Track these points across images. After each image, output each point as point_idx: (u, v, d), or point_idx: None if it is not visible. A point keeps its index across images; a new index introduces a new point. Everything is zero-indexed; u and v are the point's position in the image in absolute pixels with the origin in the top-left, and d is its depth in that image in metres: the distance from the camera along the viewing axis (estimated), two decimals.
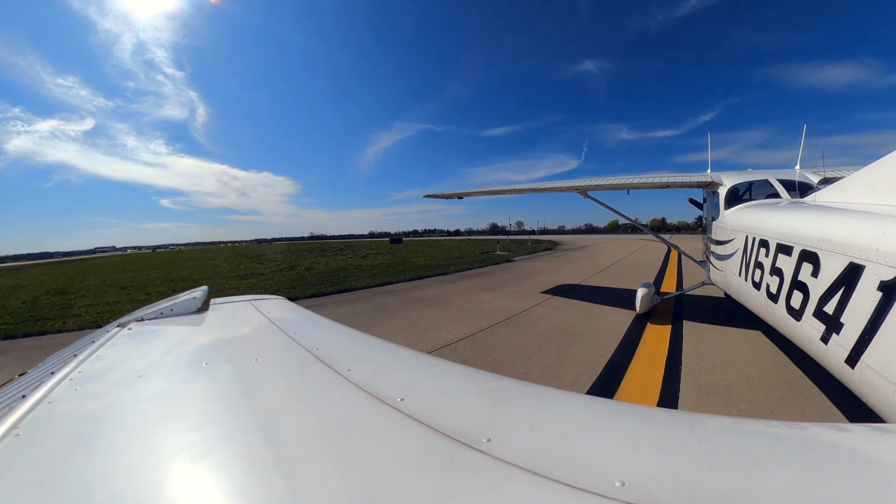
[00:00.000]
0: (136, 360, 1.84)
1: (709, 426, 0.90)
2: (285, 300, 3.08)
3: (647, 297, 8.48)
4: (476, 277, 16.68)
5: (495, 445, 0.88)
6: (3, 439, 1.11)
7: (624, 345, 6.57)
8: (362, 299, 12.25)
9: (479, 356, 6.28)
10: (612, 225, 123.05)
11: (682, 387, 4.91)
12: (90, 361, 1.79)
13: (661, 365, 5.64)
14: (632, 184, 8.37)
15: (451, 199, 13.19)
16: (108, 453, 1.05)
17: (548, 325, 8.01)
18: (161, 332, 2.33)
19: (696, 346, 6.36)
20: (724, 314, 8.24)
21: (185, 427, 1.17)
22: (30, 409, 1.31)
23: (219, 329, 2.37)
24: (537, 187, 10.61)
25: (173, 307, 2.71)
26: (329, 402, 1.26)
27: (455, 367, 1.45)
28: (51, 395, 1.42)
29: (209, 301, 3.00)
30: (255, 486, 0.85)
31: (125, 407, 1.36)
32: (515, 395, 1.16)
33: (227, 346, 2.06)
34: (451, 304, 10.71)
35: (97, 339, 2.17)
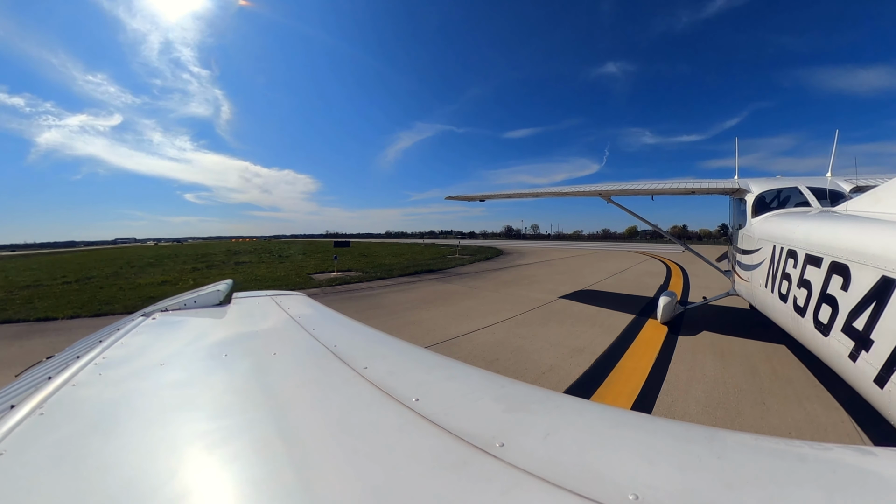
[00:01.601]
0: (158, 348, 1.89)
1: (727, 442, 0.87)
2: (305, 296, 3.11)
3: (669, 307, 8.32)
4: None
5: (508, 451, 0.87)
6: (28, 417, 1.17)
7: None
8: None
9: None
10: (631, 231, 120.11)
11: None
12: (114, 348, 1.84)
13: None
14: (656, 189, 8.18)
15: (472, 201, 13.08)
16: (126, 437, 1.09)
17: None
18: (184, 322, 2.39)
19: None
20: (745, 326, 8.02)
21: (202, 416, 1.20)
22: (54, 390, 1.37)
23: (240, 322, 2.42)
24: (560, 191, 10.47)
25: (197, 299, 2.77)
26: (345, 399, 1.26)
27: (471, 370, 1.44)
28: (75, 379, 1.47)
29: (232, 295, 3.07)
30: (266, 477, 0.86)
31: (145, 393, 1.40)
32: (531, 401, 1.15)
33: (247, 339, 2.09)
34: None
35: (122, 326, 2.23)
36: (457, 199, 12.74)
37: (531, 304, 10.69)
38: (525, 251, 38.38)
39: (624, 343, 7.04)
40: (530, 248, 44.24)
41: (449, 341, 7.24)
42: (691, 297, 10.97)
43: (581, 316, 9.28)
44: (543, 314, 9.55)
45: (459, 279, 16.75)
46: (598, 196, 9.11)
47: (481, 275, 18.29)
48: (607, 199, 9.04)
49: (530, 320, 8.91)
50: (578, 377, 5.47)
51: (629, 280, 16.21)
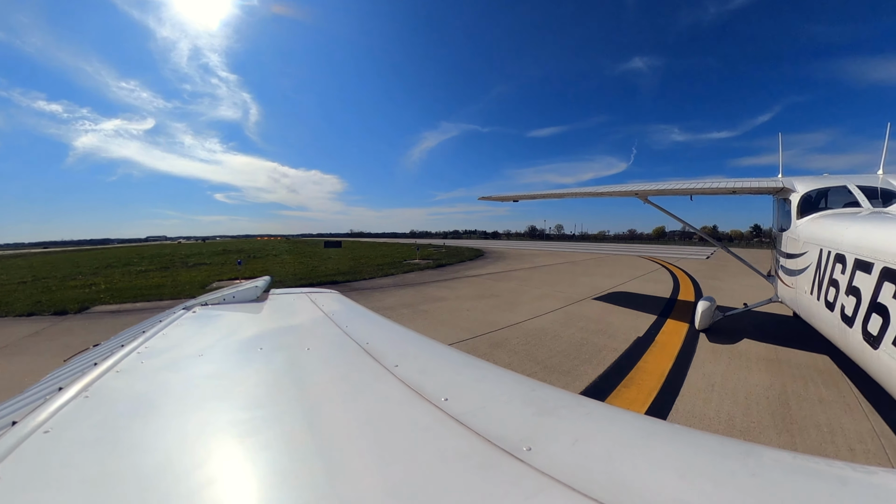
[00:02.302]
0: (197, 340, 1.97)
1: (764, 459, 0.84)
2: (339, 294, 3.18)
3: (707, 313, 7.93)
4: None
5: (535, 455, 0.86)
6: (73, 399, 1.25)
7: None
8: None
9: None
10: (658, 232, 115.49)
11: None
12: (157, 339, 1.93)
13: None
14: (696, 188, 7.82)
15: (506, 201, 12.82)
16: (162, 422, 1.15)
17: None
18: (222, 317, 2.48)
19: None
20: (784, 335, 7.57)
21: (236, 405, 1.25)
22: (99, 375, 1.45)
23: (276, 318, 2.48)
24: (595, 191, 10.20)
25: (235, 295, 2.89)
26: (375, 395, 1.28)
27: (501, 372, 1.43)
28: (119, 366, 1.56)
29: (269, 291, 3.17)
30: (294, 467, 0.89)
31: (183, 382, 1.46)
32: (561, 406, 1.13)
33: (282, 334, 2.15)
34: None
35: (164, 319, 2.34)
36: (490, 199, 12.62)
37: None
38: (510, 254, 32.92)
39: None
40: (527, 251, 37.75)
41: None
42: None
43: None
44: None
45: (374, 293, 13.43)
46: (634, 196, 8.83)
47: (408, 288, 14.48)
48: (644, 199, 8.76)
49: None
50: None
51: (590, 316, 9.51)
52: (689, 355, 6.51)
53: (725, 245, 10.68)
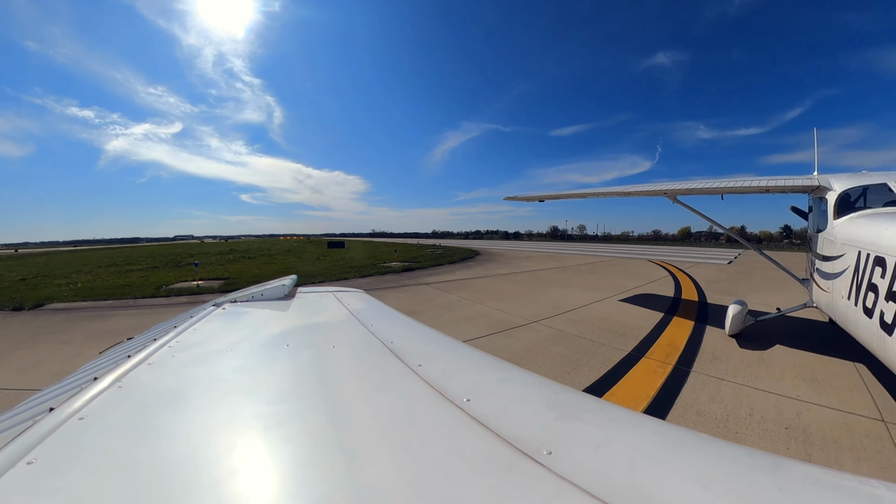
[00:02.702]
0: (226, 336, 2.03)
1: (793, 473, 0.81)
2: (365, 293, 3.21)
3: (738, 317, 7.57)
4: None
5: (555, 459, 0.85)
6: (107, 389, 1.32)
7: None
8: None
9: None
10: (684, 233, 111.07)
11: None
12: (187, 333, 2.00)
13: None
14: (727, 188, 7.50)
15: (531, 201, 12.63)
16: (191, 413, 1.19)
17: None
18: (251, 313, 2.54)
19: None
20: (817, 341, 7.15)
21: (262, 400, 1.28)
22: (132, 367, 1.52)
23: (302, 315, 2.53)
24: (623, 191, 9.90)
25: (263, 292, 2.96)
26: (398, 394, 1.29)
27: (524, 374, 1.42)
28: (151, 358, 1.62)
29: (296, 289, 3.24)
30: (316, 461, 0.91)
31: (211, 376, 1.51)
32: (584, 410, 1.12)
33: (309, 331, 2.19)
34: None
35: (195, 315, 2.42)
36: (515, 199, 12.46)
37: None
38: (504, 257, 30.00)
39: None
40: (526, 253, 34.35)
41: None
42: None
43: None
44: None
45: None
46: (662, 195, 8.57)
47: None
48: (673, 198, 8.52)
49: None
50: None
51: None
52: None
53: (756, 246, 10.11)
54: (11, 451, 0.96)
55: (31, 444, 0.98)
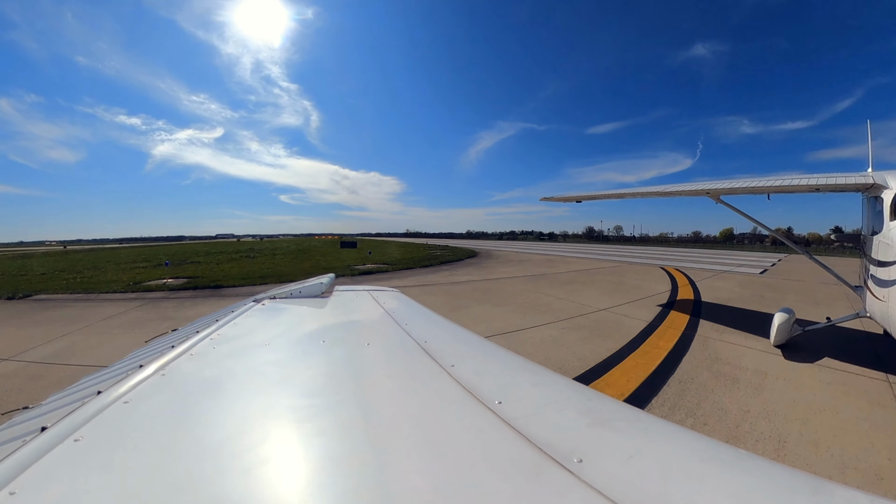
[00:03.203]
0: (265, 330, 2.10)
1: (836, 498, 0.75)
2: (400, 293, 3.25)
3: (784, 326, 7.04)
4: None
5: (586, 468, 0.83)
6: (151, 376, 1.40)
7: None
8: None
9: None
10: (726, 234, 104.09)
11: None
12: (228, 327, 2.07)
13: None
14: (774, 187, 6.99)
15: (568, 202, 12.26)
16: (228, 402, 1.25)
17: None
18: (289, 310, 2.61)
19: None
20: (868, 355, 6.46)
21: (296, 393, 1.32)
22: (175, 356, 1.60)
23: (338, 313, 2.57)
24: (662, 191, 9.46)
25: (302, 290, 3.04)
26: (430, 393, 1.29)
27: (557, 378, 1.40)
28: (193, 349, 1.70)
29: (333, 287, 3.31)
30: (346, 455, 0.93)
31: (249, 368, 1.57)
32: (617, 418, 1.09)
33: (344, 329, 2.23)
34: None
35: (236, 310, 2.51)
36: (552, 200, 12.19)
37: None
38: (503, 259, 27.81)
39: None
40: (532, 257, 30.58)
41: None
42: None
43: None
44: None
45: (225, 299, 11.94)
46: (705, 195, 8.15)
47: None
48: (716, 198, 8.09)
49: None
50: None
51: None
52: None
53: (805, 249, 9.21)
54: (61, 428, 1.04)
55: (79, 423, 1.06)
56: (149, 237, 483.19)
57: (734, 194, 7.99)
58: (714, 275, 18.94)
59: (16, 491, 0.80)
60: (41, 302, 12.59)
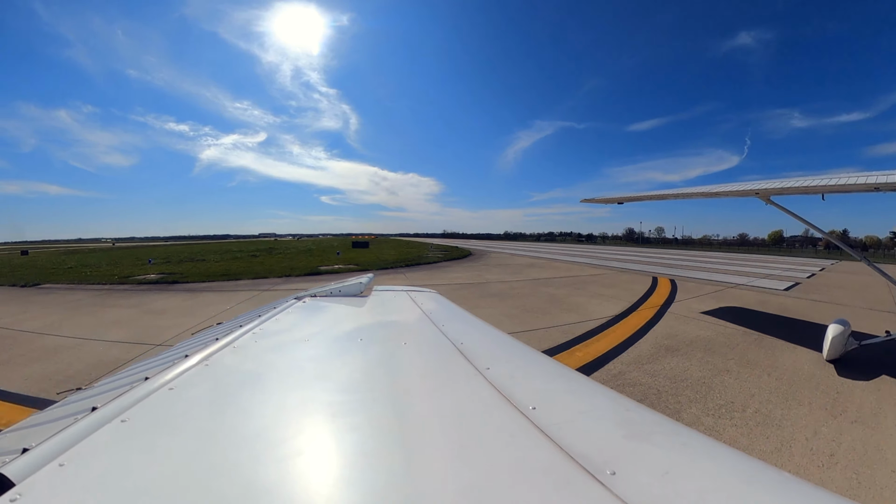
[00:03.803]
0: (304, 327, 2.16)
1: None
2: (437, 294, 3.28)
3: (839, 340, 6.41)
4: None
5: (619, 481, 0.80)
6: (195, 366, 1.47)
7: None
8: None
9: None
10: (774, 237, 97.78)
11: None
12: (270, 322, 2.15)
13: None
14: (829, 186, 6.43)
15: (609, 203, 11.80)
16: (267, 393, 1.31)
17: None
18: (328, 308, 2.68)
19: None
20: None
21: (333, 388, 1.36)
22: (218, 348, 1.68)
23: (377, 312, 2.62)
24: (707, 191, 9.01)
25: (342, 289, 3.12)
26: (463, 395, 1.29)
27: (595, 386, 1.37)
28: (235, 343, 1.78)
29: (372, 287, 3.37)
30: (377, 452, 0.95)
31: (288, 362, 1.63)
32: (656, 432, 1.05)
33: (382, 328, 2.27)
34: None
35: (278, 306, 2.60)
36: (592, 201, 11.90)
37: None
38: (491, 262, 24.95)
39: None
40: (533, 261, 27.03)
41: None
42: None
43: None
44: None
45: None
46: (754, 196, 7.74)
47: (208, 293, 13.21)
48: (766, 199, 7.64)
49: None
50: None
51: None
52: None
53: (861, 254, 8.37)
54: (110, 409, 1.12)
55: (126, 405, 1.14)
56: (196, 235, 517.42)
57: (785, 194, 7.56)
58: (718, 290, 14.63)
59: (65, 463, 0.86)
60: (43, 288, 15.23)
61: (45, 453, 0.89)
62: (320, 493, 0.81)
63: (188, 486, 0.81)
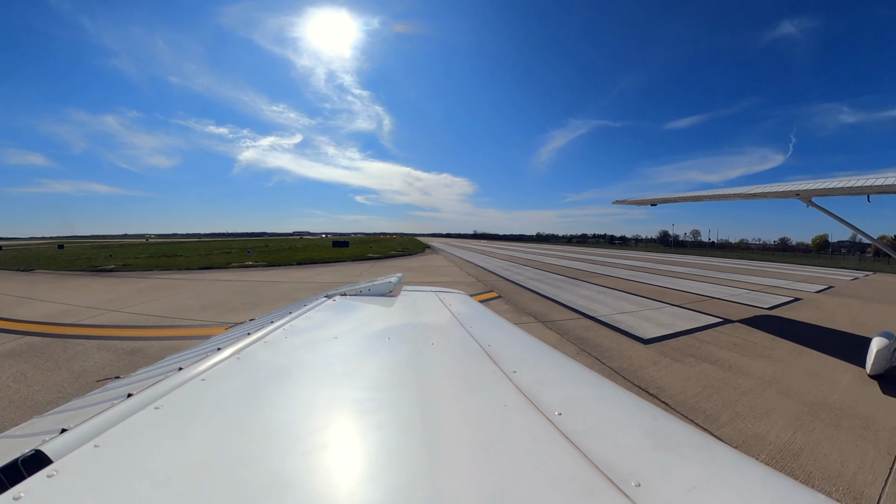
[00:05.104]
0: (334, 325, 2.21)
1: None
2: (466, 295, 3.28)
3: (884, 353, 5.89)
4: None
5: (643, 494, 0.79)
6: (227, 359, 1.53)
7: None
8: None
9: None
10: (819, 242, 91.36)
11: None
12: (300, 319, 2.21)
13: None
14: (877, 186, 6.02)
15: (642, 205, 11.53)
16: (296, 387, 1.36)
17: None
18: (358, 306, 2.72)
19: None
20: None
21: (360, 385, 1.39)
22: (250, 343, 1.74)
23: (405, 312, 2.64)
24: (744, 192, 8.62)
25: (371, 288, 3.17)
26: (489, 397, 1.29)
27: (622, 393, 1.35)
28: (267, 337, 1.83)
29: (401, 287, 3.41)
30: (401, 450, 0.97)
31: (318, 358, 1.68)
32: (684, 444, 1.02)
33: (410, 327, 2.30)
34: None
35: (308, 304, 2.66)
36: (625, 203, 11.65)
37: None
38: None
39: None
40: (529, 267, 23.28)
41: None
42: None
43: None
44: None
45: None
46: (795, 197, 7.40)
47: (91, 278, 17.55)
48: (807, 201, 7.30)
49: None
50: None
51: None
52: None
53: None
54: (144, 396, 1.18)
55: (160, 393, 1.20)
56: (234, 233, 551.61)
57: (828, 195, 7.22)
58: (721, 308, 11.06)
59: (100, 444, 0.92)
60: (33, 272, 20.12)
61: (81, 434, 0.95)
62: (342, 488, 0.84)
63: (215, 472, 0.85)
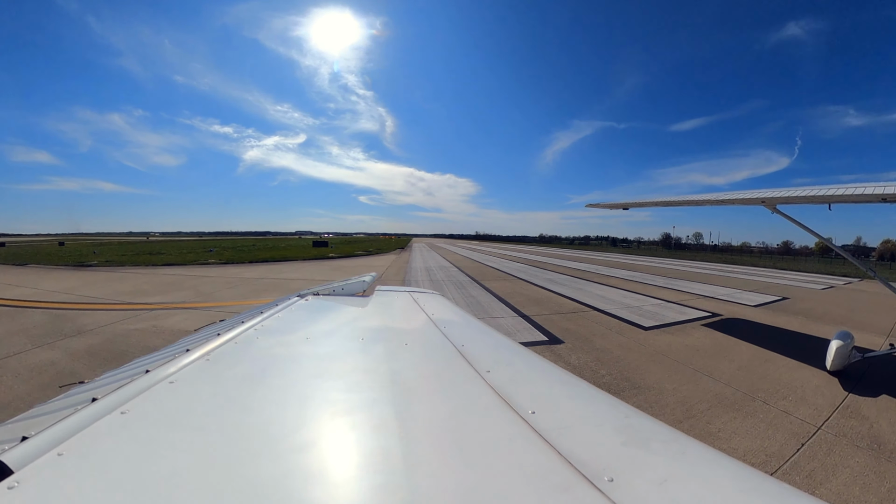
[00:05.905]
0: (306, 325, 2.18)
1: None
2: (440, 296, 3.26)
3: (842, 352, 6.48)
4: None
5: (616, 489, 0.80)
6: (196, 360, 1.49)
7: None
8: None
9: None
10: (822, 246, 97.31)
11: None
12: (271, 320, 2.16)
13: None
14: (837, 196, 6.35)
15: (615, 209, 11.90)
16: (268, 389, 1.33)
17: None
18: (331, 307, 2.68)
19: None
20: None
21: (333, 387, 1.37)
22: (220, 344, 1.70)
23: (379, 312, 2.62)
24: (713, 199, 9.02)
25: (344, 287, 3.15)
26: (463, 397, 1.29)
27: (594, 391, 1.36)
28: (237, 338, 1.80)
29: (375, 287, 3.38)
30: (377, 451, 0.96)
31: (290, 359, 1.64)
32: (654, 439, 1.03)
33: (383, 328, 2.28)
34: None
35: (280, 304, 2.61)
36: (598, 206, 11.84)
37: None
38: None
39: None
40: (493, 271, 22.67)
41: None
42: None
43: None
44: None
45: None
46: (761, 204, 7.72)
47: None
48: (772, 208, 7.63)
49: None
50: None
51: None
52: None
53: (871, 267, 8.18)
54: (109, 400, 1.14)
55: (126, 397, 1.16)
56: (238, 231, 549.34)
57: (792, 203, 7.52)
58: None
59: (63, 452, 0.87)
60: (26, 265, 23.32)
61: (43, 442, 0.91)
62: (318, 491, 0.82)
63: (186, 478, 0.82)
